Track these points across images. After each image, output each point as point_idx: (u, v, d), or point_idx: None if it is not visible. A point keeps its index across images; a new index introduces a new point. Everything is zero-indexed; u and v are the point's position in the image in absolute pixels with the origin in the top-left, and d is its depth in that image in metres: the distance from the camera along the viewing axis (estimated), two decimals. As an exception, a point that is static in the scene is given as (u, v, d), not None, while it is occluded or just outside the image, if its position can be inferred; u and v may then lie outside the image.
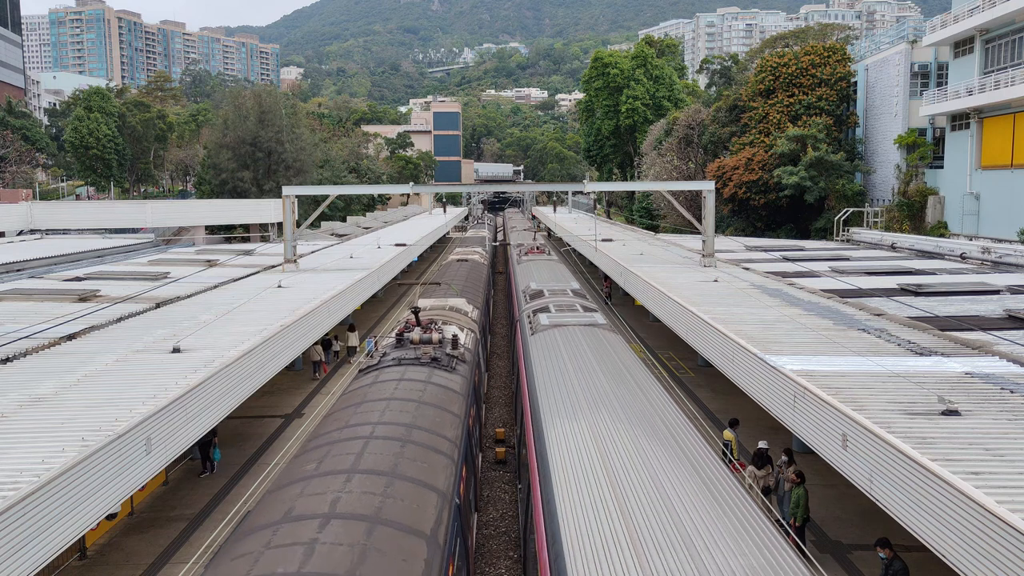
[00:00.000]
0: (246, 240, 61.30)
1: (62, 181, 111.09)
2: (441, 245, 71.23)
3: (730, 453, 16.90)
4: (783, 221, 56.10)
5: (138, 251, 42.48)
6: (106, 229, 56.06)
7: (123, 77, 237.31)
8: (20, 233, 51.39)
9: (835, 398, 12.20)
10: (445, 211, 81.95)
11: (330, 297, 24.00)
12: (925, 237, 40.46)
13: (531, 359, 16.18)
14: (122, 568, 13.78)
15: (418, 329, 16.98)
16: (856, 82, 56.11)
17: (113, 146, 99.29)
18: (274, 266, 32.89)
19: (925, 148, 48.97)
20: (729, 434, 17.62)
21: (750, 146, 56.45)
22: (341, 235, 55.90)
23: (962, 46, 45.59)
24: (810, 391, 12.87)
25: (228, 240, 62.31)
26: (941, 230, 45.23)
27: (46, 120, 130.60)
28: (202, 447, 18.11)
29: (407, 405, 12.38)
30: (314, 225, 61.89)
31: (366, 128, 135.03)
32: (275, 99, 79.03)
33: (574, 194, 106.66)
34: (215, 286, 26.69)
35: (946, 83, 47.18)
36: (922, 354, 15.26)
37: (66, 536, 9.40)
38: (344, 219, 78.91)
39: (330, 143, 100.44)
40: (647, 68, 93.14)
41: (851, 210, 49.39)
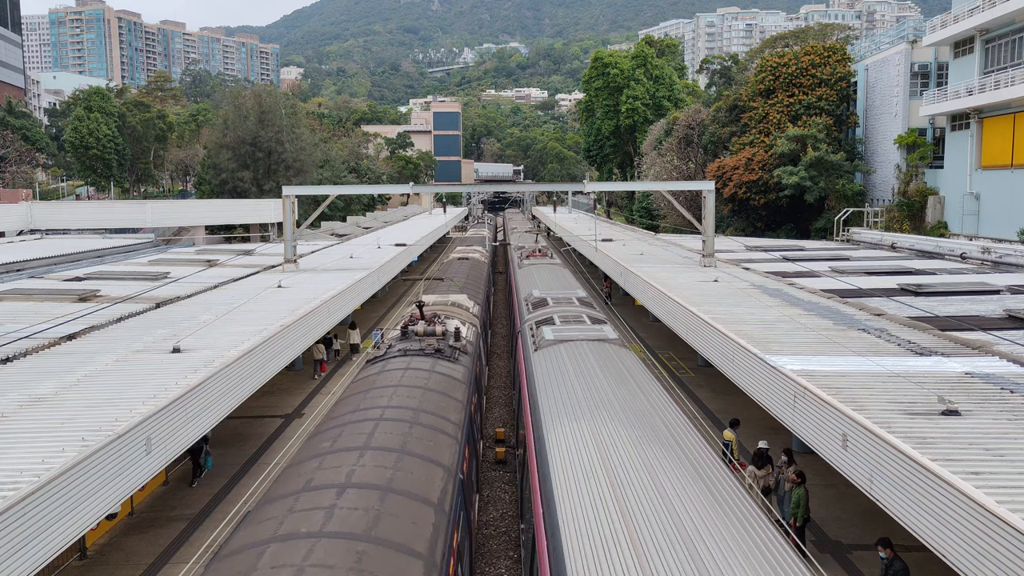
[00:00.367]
0: (246, 240, 61.30)
1: (62, 181, 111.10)
2: (441, 245, 71.24)
3: (730, 453, 16.90)
4: (783, 221, 56.11)
5: (138, 251, 42.47)
6: (106, 229, 56.06)
7: (123, 77, 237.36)
8: (20, 233, 51.39)
9: (835, 398, 12.20)
10: (445, 211, 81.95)
11: (330, 297, 24.00)
12: (925, 237, 40.46)
13: (535, 381, 14.52)
14: (122, 568, 13.78)
15: (422, 322, 17.75)
16: (856, 82, 56.11)
17: (113, 146, 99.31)
18: (274, 266, 32.89)
19: (925, 148, 48.97)
20: (729, 434, 17.61)
21: (750, 146, 56.45)
22: (341, 235, 55.89)
23: (962, 46, 45.59)
24: (810, 391, 12.87)
25: (228, 240, 62.31)
26: (941, 230, 45.24)
27: (46, 120, 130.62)
28: (192, 454, 17.42)
29: (413, 391, 13.08)
30: (314, 225, 61.89)
31: (366, 128, 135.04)
32: (275, 99, 79.03)
33: (574, 194, 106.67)
34: (215, 286, 26.68)
35: (946, 83, 47.18)
36: (922, 354, 15.26)
37: (66, 536, 9.40)
38: (344, 219, 78.90)
39: (330, 143, 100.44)
40: (647, 68, 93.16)
41: (851, 210, 49.39)
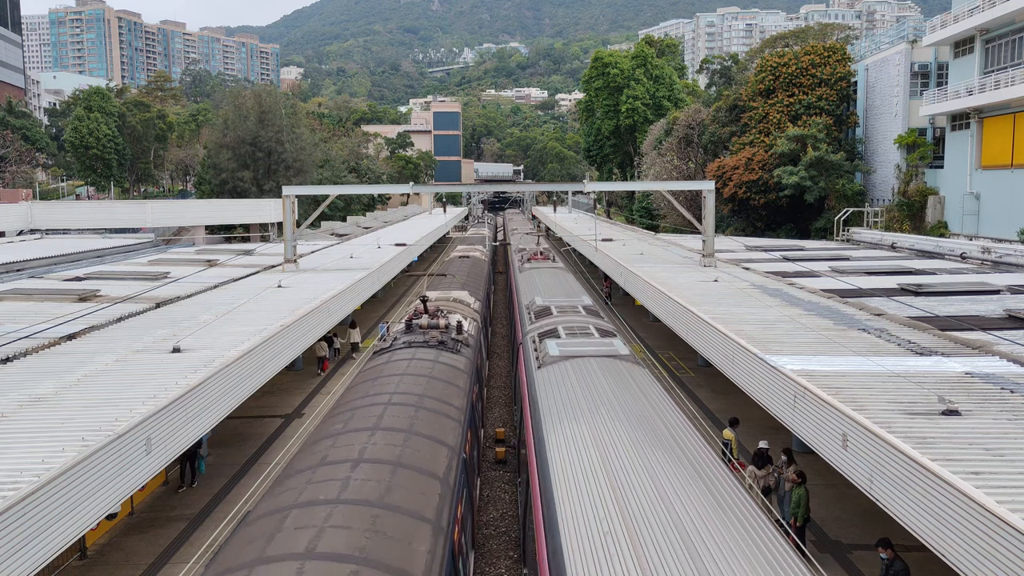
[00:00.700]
0: (246, 240, 61.28)
1: (62, 181, 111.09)
2: (441, 245, 71.26)
3: (730, 452, 16.90)
4: (783, 221, 56.10)
5: (138, 251, 42.47)
6: (106, 229, 56.05)
7: (123, 77, 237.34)
8: (20, 233, 51.38)
9: (835, 398, 12.20)
10: (445, 211, 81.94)
11: (330, 297, 24.00)
12: (925, 237, 40.46)
13: (538, 405, 13.01)
14: (122, 568, 13.78)
15: (426, 316, 18.57)
16: (856, 82, 56.10)
17: (113, 146, 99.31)
18: (274, 266, 32.88)
19: (925, 148, 48.97)
20: (729, 433, 17.62)
21: (750, 146, 56.45)
22: (341, 235, 55.89)
23: (962, 46, 45.59)
24: (810, 391, 12.87)
25: (228, 240, 62.30)
26: (941, 230, 45.23)
27: (46, 120, 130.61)
28: (184, 459, 17.01)
29: (418, 380, 13.89)
30: (314, 225, 61.88)
31: (366, 128, 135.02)
32: (275, 99, 79.03)
33: (574, 194, 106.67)
34: (215, 286, 26.68)
35: (946, 83, 47.18)
36: (922, 354, 15.26)
37: (66, 536, 9.40)
38: (344, 219, 78.89)
39: (330, 143, 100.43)
40: (647, 68, 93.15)
41: (851, 210, 49.38)
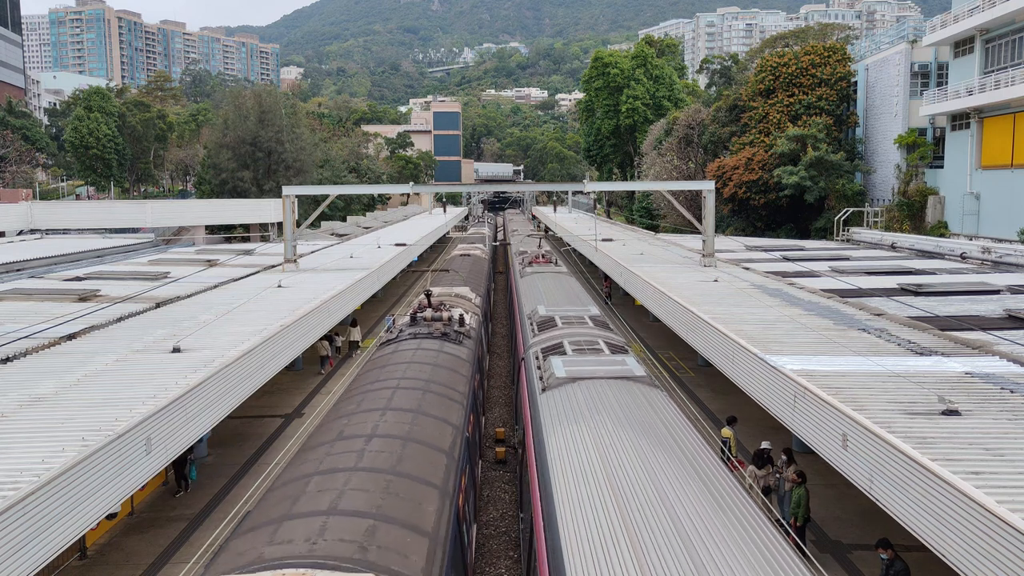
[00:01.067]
0: (246, 240, 61.24)
1: (62, 181, 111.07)
2: (441, 245, 71.28)
3: (728, 451, 16.90)
4: (783, 221, 56.10)
5: (138, 251, 42.46)
6: (106, 229, 56.04)
7: (123, 77, 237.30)
8: (20, 233, 51.38)
9: (835, 398, 12.20)
10: (445, 211, 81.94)
11: (330, 297, 24.01)
12: (925, 237, 40.46)
13: (544, 442, 11.12)
14: (122, 568, 13.78)
15: (430, 310, 19.45)
16: (856, 82, 56.10)
17: (113, 146, 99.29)
18: (274, 266, 32.88)
19: (925, 148, 48.97)
20: (727, 431, 17.64)
21: (750, 146, 56.45)
22: (341, 235, 55.88)
23: (962, 46, 45.58)
24: (810, 391, 12.87)
25: (228, 240, 62.29)
26: (941, 230, 45.23)
27: (46, 120, 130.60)
28: (176, 464, 16.61)
29: (424, 367, 14.80)
30: (314, 225, 61.88)
31: (366, 128, 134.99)
32: (275, 99, 79.03)
33: (574, 194, 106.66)
34: (215, 286, 26.68)
35: (946, 83, 47.18)
36: (922, 354, 15.26)
37: (66, 536, 9.40)
38: (344, 219, 78.88)
39: (330, 143, 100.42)
40: (647, 68, 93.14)
41: (851, 210, 49.38)
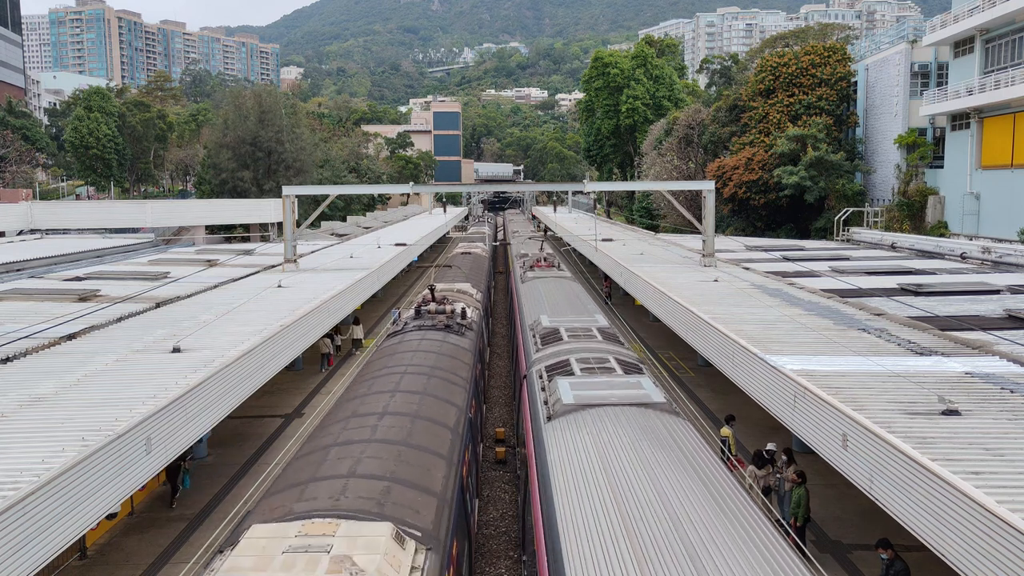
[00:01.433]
0: (246, 240, 61.24)
1: (62, 181, 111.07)
2: (441, 245, 71.30)
3: (727, 449, 16.90)
4: (783, 221, 56.10)
5: (138, 251, 42.46)
6: (106, 229, 56.04)
7: (123, 77, 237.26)
8: (20, 233, 51.37)
9: (835, 398, 12.20)
10: (445, 211, 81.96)
11: (330, 297, 24.01)
12: (925, 237, 40.46)
13: (551, 492, 9.24)
14: (122, 568, 13.78)
15: (433, 303, 20.53)
16: (856, 82, 56.10)
17: (113, 146, 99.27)
18: (274, 266, 32.88)
19: (925, 148, 48.97)
20: (726, 430, 17.66)
21: (750, 146, 56.45)
22: (341, 235, 55.87)
23: (962, 46, 45.58)
24: (810, 391, 12.87)
25: (228, 240, 62.29)
26: (941, 230, 45.23)
27: (46, 120, 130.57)
28: (170, 472, 16.20)
29: (429, 356, 15.91)
30: (314, 225, 61.87)
31: (366, 128, 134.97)
32: (275, 99, 79.03)
33: (574, 194, 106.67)
34: (215, 286, 26.68)
35: (946, 83, 47.18)
36: (922, 354, 15.26)
37: (66, 536, 9.40)
38: (344, 219, 78.87)
39: (330, 143, 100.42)
40: (647, 68, 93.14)
41: (851, 210, 49.39)
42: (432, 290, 21.81)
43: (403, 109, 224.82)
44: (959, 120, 45.32)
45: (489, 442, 20.34)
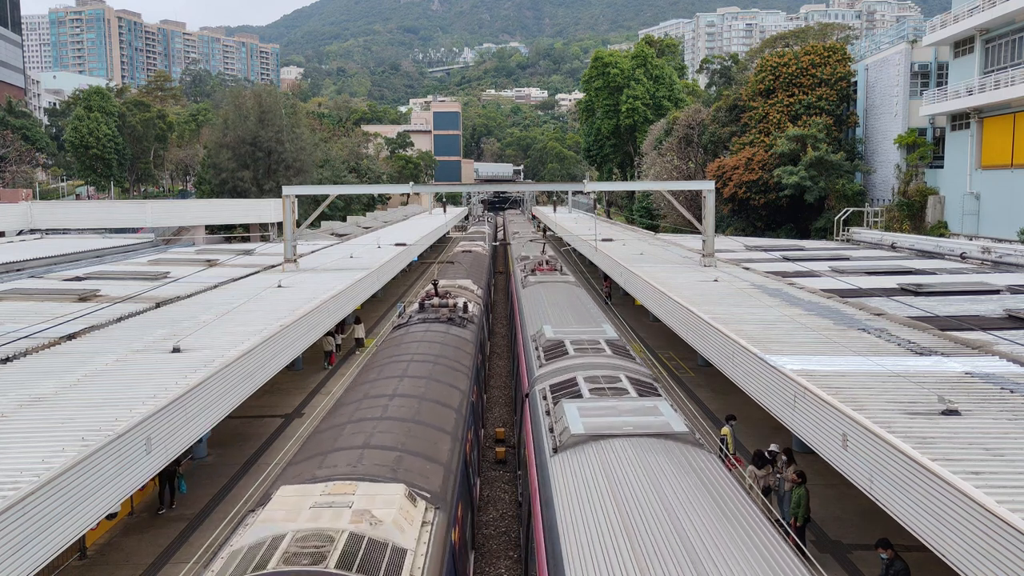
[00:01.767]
0: (246, 240, 61.24)
1: (62, 181, 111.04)
2: (441, 245, 71.31)
3: (726, 448, 16.90)
4: (783, 221, 56.10)
5: (138, 251, 42.46)
6: (106, 229, 56.04)
7: (123, 77, 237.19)
8: (20, 233, 51.37)
9: (835, 398, 12.20)
10: (445, 211, 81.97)
11: (330, 297, 24.01)
12: (925, 237, 40.46)
13: (557, 536, 8.28)
14: (122, 568, 13.78)
15: (437, 298, 21.64)
16: (856, 82, 56.10)
17: (113, 146, 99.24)
18: (274, 266, 32.89)
19: (925, 148, 48.97)
20: (725, 430, 17.67)
21: (750, 146, 56.44)
22: (341, 235, 55.87)
23: (962, 46, 45.58)
24: (810, 391, 12.87)
25: (228, 240, 62.29)
26: (941, 230, 45.23)
27: (46, 120, 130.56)
28: (164, 477, 15.87)
29: (433, 345, 17.04)
30: (314, 225, 61.87)
31: (366, 128, 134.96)
32: (275, 99, 79.02)
33: (574, 194, 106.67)
34: (215, 286, 26.69)
35: (946, 83, 47.17)
36: (922, 354, 15.26)
37: (66, 536, 9.40)
38: (344, 219, 78.88)
39: (330, 143, 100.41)
40: (647, 68, 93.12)
41: (851, 210, 49.38)
42: (436, 285, 22.82)
43: (403, 109, 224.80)
44: (959, 120, 45.32)
45: (489, 442, 20.34)
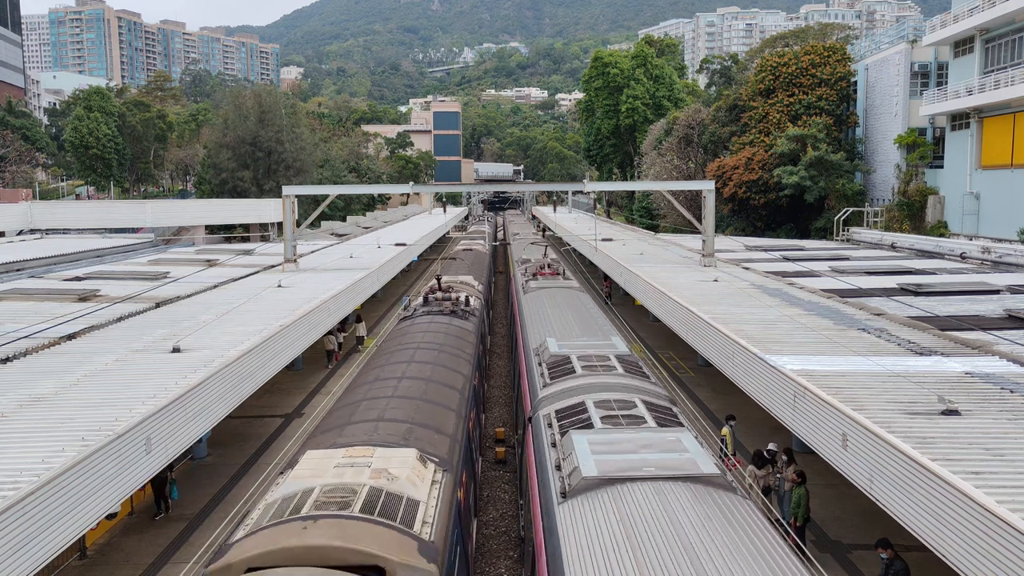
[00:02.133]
0: (246, 240, 61.23)
1: (62, 181, 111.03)
2: (441, 245, 71.31)
3: (726, 448, 16.90)
4: (783, 221, 56.09)
5: (138, 251, 42.46)
6: (106, 229, 56.04)
7: (123, 77, 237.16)
8: (20, 233, 51.37)
9: (835, 398, 12.20)
10: (445, 211, 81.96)
11: (330, 297, 24.01)
12: (925, 237, 40.46)
13: None
14: (122, 568, 13.77)
15: (440, 292, 22.66)
16: (856, 82, 56.09)
17: (113, 146, 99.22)
18: (274, 266, 32.89)
19: (925, 148, 48.96)
20: (725, 430, 17.66)
21: (750, 146, 56.44)
22: (341, 235, 55.87)
23: (962, 46, 45.57)
24: (810, 391, 12.87)
25: (228, 240, 62.29)
26: (941, 230, 45.22)
27: (46, 120, 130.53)
28: (157, 484, 15.63)
29: (437, 335, 18.15)
30: (314, 225, 61.87)
31: (366, 128, 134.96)
32: (275, 99, 79.03)
33: (574, 194, 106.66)
34: (215, 286, 26.68)
35: (946, 83, 47.16)
36: (922, 354, 15.26)
37: (66, 536, 9.40)
38: (344, 219, 78.89)
39: (330, 143, 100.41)
40: (647, 68, 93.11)
41: (851, 210, 49.38)
42: (439, 280, 24.10)
43: (403, 109, 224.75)
44: (959, 120, 45.31)
45: (489, 442, 20.34)
